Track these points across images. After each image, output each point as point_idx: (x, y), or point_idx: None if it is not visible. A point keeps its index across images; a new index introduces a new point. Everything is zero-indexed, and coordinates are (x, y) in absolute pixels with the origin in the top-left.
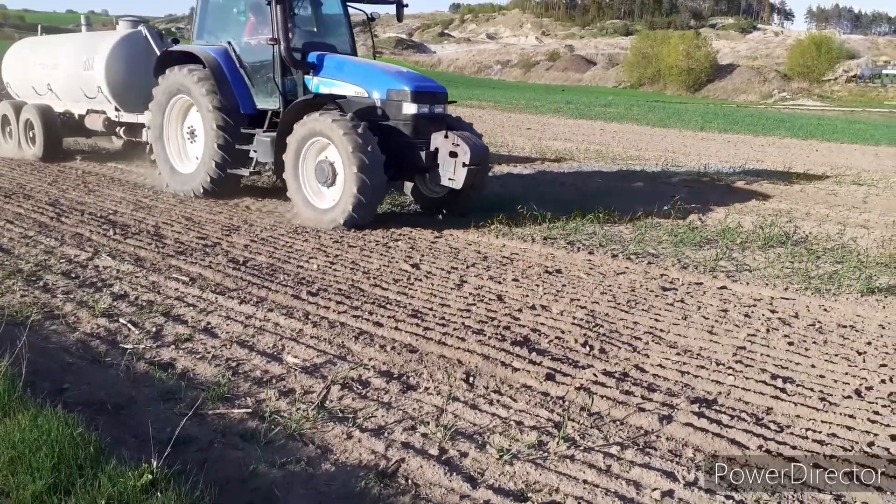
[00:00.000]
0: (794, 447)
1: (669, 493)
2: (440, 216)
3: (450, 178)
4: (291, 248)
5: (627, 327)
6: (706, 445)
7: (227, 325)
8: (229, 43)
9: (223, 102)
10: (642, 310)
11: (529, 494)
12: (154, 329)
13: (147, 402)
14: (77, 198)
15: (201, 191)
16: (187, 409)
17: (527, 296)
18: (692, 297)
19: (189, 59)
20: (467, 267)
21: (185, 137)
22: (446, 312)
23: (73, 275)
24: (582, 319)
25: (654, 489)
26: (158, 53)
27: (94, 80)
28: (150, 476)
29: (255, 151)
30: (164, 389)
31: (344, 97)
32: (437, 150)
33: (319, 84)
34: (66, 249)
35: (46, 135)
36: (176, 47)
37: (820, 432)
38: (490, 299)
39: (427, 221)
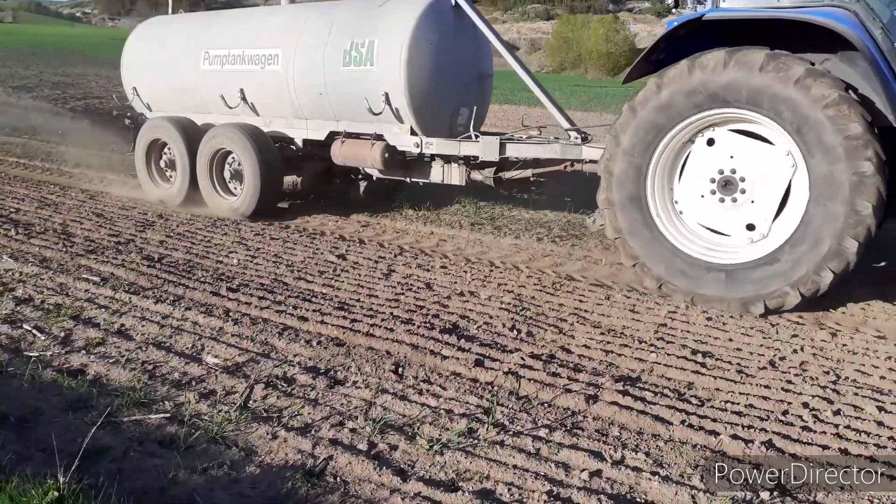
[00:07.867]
0: (714, 420)
1: (598, 473)
2: None
3: None
4: (210, 243)
5: (553, 309)
6: (631, 423)
7: (143, 326)
8: (862, 2)
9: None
10: (567, 291)
11: (460, 483)
12: (62, 334)
13: (55, 413)
14: None
15: (762, 308)
16: (99, 417)
17: (455, 283)
18: (615, 276)
19: (705, 39)
20: (395, 256)
21: (709, 194)
22: (374, 303)
23: None
24: (509, 304)
25: (583, 470)
26: (484, 27)
27: (378, 83)
28: (55, 493)
29: None
30: (74, 398)
31: None
32: None
33: None
34: None
35: (265, 176)
36: (714, 14)
37: (738, 404)
38: (418, 288)
39: (353, 209)
